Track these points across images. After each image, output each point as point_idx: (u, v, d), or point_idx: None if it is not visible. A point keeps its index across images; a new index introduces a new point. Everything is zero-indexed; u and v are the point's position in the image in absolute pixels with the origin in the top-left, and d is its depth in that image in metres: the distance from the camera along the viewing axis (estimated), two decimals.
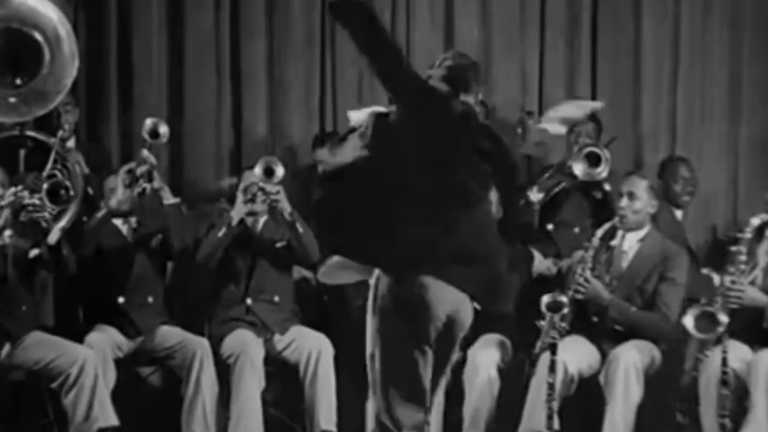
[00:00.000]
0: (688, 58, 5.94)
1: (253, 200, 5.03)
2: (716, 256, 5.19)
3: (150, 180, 4.89)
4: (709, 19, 5.95)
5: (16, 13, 4.79)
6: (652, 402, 4.60)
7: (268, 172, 4.98)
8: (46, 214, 4.55)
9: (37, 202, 4.54)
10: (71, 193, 4.70)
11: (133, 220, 5.00)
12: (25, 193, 4.52)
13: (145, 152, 4.91)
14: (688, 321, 4.40)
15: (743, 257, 4.47)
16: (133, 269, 4.96)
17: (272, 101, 5.99)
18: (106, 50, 5.79)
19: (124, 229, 5.00)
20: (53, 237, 4.57)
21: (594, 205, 5.16)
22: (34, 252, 4.64)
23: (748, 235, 4.47)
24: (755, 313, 4.48)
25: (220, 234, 4.98)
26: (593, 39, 5.99)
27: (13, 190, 4.51)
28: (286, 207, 5.01)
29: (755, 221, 4.50)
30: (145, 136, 4.92)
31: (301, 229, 5.00)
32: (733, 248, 4.50)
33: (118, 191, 4.91)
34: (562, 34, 5.99)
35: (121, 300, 4.90)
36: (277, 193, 4.99)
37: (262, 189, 4.99)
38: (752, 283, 4.51)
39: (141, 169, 4.88)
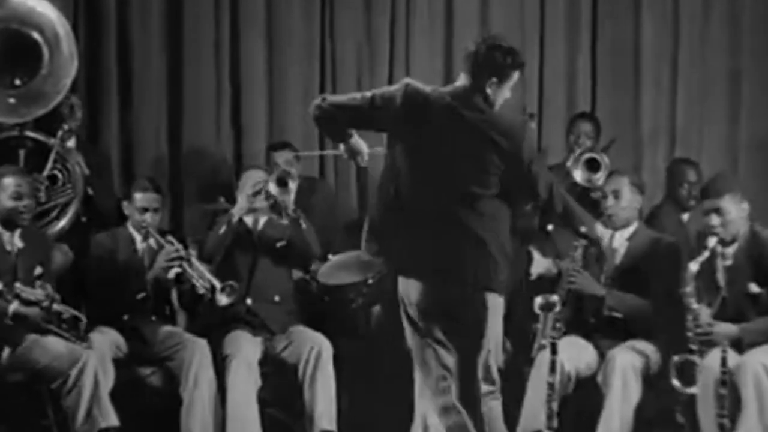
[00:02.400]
0: (688, 58, 5.94)
1: (257, 194, 5.02)
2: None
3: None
4: (708, 19, 5.95)
5: (15, 13, 4.79)
6: (651, 402, 4.60)
7: (281, 183, 4.98)
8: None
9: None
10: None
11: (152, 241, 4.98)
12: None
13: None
14: (674, 378, 4.42)
15: (694, 303, 4.43)
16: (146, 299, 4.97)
17: (271, 101, 5.99)
18: (106, 50, 5.79)
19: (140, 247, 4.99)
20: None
21: (593, 205, 5.16)
22: (38, 270, 4.61)
23: (689, 287, 4.44)
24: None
25: (221, 232, 4.99)
26: (593, 40, 5.99)
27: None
28: (290, 205, 5.01)
29: (693, 266, 4.45)
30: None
31: (304, 225, 5.02)
32: (685, 298, 4.47)
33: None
34: (561, 35, 5.99)
35: (125, 317, 4.90)
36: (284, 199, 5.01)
37: (269, 193, 4.99)
38: (723, 304, 4.49)
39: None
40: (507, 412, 4.61)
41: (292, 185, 5.00)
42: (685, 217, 5.41)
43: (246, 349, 4.81)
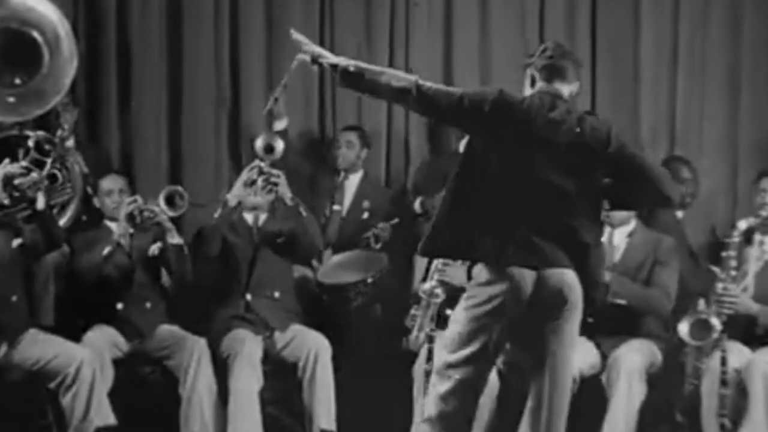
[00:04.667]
0: (687, 58, 5.93)
1: (253, 183, 5.02)
2: (716, 256, 5.19)
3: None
4: (708, 19, 5.94)
5: (14, 13, 4.79)
6: (652, 401, 4.60)
7: (268, 149, 5.00)
8: (35, 176, 4.52)
9: (24, 164, 4.54)
10: (54, 144, 4.69)
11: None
12: (13, 166, 4.52)
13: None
14: (683, 329, 4.42)
15: (733, 262, 4.48)
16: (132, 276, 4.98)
17: None
18: (106, 50, 5.79)
19: (122, 240, 4.96)
20: (40, 202, 4.55)
21: None
22: (16, 241, 4.64)
23: (736, 239, 4.48)
24: (750, 319, 4.51)
25: (216, 215, 4.99)
26: (592, 39, 5.98)
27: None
28: (286, 193, 5.02)
29: (742, 224, 4.51)
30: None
31: (304, 213, 5.02)
32: (723, 253, 4.51)
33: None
34: (561, 34, 5.98)
35: (119, 306, 4.90)
36: (278, 176, 5.00)
37: (262, 170, 4.98)
38: (744, 290, 4.53)
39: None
40: (506, 411, 4.64)
41: (279, 147, 5.04)
42: (680, 214, 5.41)
43: (249, 348, 4.81)
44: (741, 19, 5.90)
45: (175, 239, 4.91)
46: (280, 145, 5.04)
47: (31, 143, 4.62)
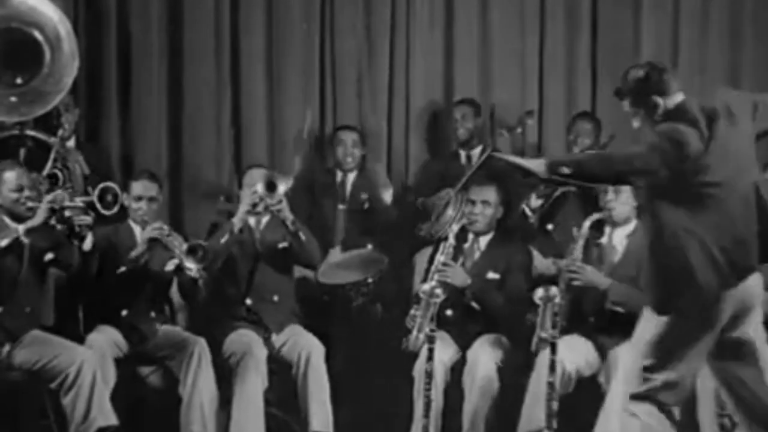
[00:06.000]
0: (688, 58, 5.94)
1: (254, 207, 5.01)
2: None
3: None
4: (708, 19, 5.95)
5: (16, 13, 4.80)
6: None
7: (271, 187, 4.97)
8: (88, 219, 4.56)
9: (80, 205, 4.56)
10: (118, 197, 4.74)
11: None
12: (66, 195, 4.55)
13: None
14: None
15: None
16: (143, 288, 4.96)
17: (271, 101, 5.99)
18: (106, 49, 5.79)
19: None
20: (88, 243, 4.59)
21: (593, 204, 5.16)
22: (49, 256, 4.64)
23: None
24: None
25: (223, 241, 4.97)
26: (593, 38, 5.99)
27: (58, 192, 4.57)
28: (288, 216, 4.99)
29: None
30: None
31: (303, 237, 5.00)
32: None
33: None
34: (561, 34, 5.99)
35: (124, 313, 4.90)
36: (279, 202, 4.98)
37: (263, 198, 4.98)
38: None
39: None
40: (506, 411, 4.66)
41: (281, 188, 4.98)
42: None
43: (255, 350, 4.79)
44: (741, 19, 5.91)
45: (192, 272, 4.84)
46: (282, 186, 4.98)
47: (96, 192, 4.70)
